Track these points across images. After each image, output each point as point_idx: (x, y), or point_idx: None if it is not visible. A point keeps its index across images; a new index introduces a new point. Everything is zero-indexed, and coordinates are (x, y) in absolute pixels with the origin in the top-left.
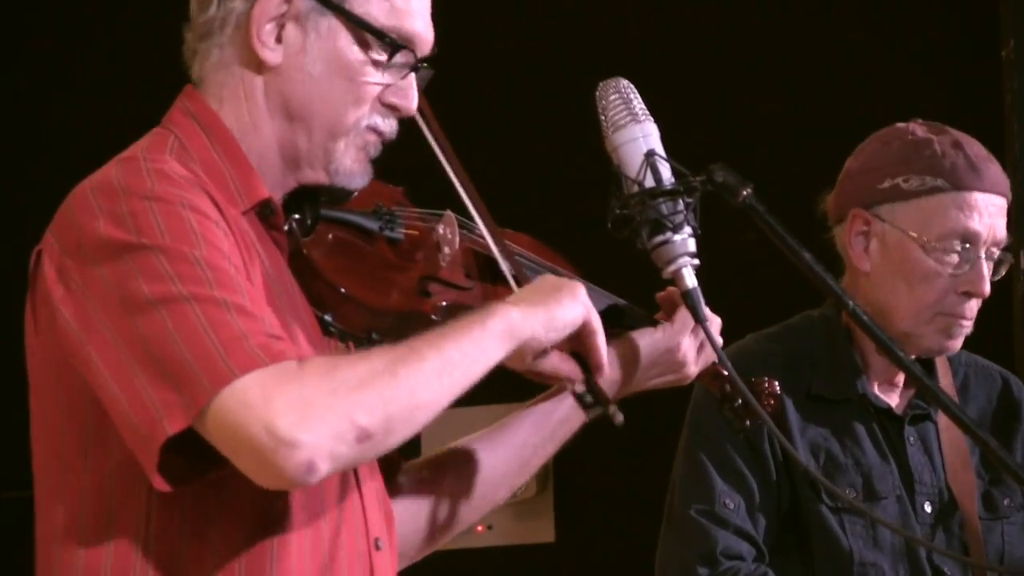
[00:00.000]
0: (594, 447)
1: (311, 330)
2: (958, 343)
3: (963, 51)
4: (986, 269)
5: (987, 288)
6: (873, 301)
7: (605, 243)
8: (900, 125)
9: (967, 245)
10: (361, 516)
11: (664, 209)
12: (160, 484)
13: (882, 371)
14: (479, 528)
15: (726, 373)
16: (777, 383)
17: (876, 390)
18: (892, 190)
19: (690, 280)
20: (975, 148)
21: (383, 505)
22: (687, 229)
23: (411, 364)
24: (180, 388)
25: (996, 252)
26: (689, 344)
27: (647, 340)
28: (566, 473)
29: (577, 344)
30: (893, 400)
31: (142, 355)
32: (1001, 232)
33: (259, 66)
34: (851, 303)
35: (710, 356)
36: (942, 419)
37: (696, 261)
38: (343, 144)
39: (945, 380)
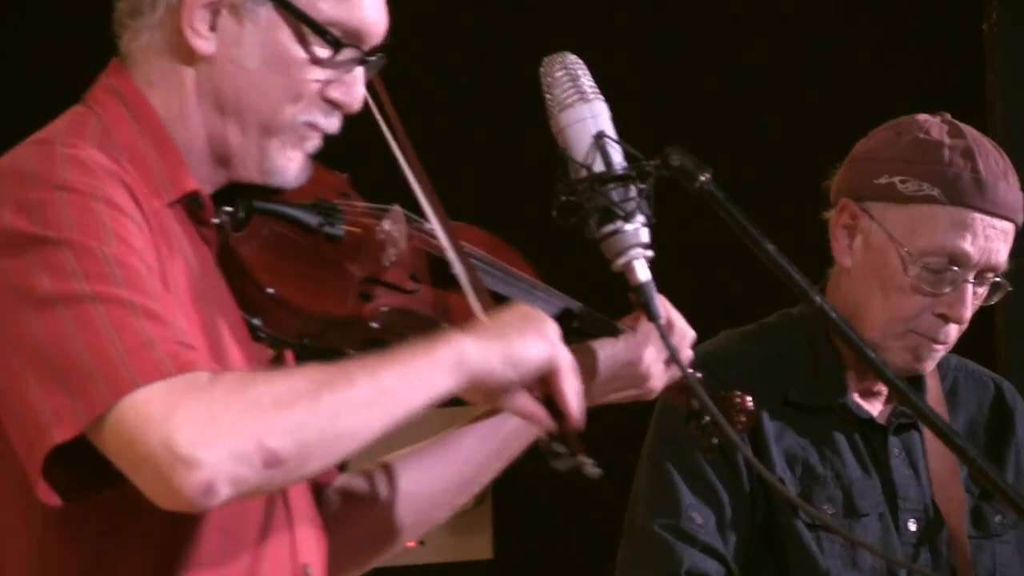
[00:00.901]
0: (537, 455)
1: (240, 335)
2: (927, 366)
3: (944, 25)
4: (970, 294)
5: (967, 315)
6: (849, 301)
7: (560, 232)
8: (922, 117)
9: (954, 267)
10: (289, 540)
11: (615, 196)
12: (46, 495)
13: (864, 377)
14: (411, 543)
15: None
16: (750, 398)
17: (858, 398)
18: (887, 188)
19: (642, 273)
20: (991, 161)
21: (314, 527)
22: (640, 218)
23: (338, 388)
24: (74, 394)
25: (991, 277)
26: (653, 357)
27: (607, 352)
28: (506, 484)
29: (547, 387)
30: (876, 408)
31: (37, 356)
32: (999, 257)
33: (190, 55)
34: (818, 300)
35: (678, 370)
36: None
37: (649, 252)
38: (278, 142)
39: (933, 385)
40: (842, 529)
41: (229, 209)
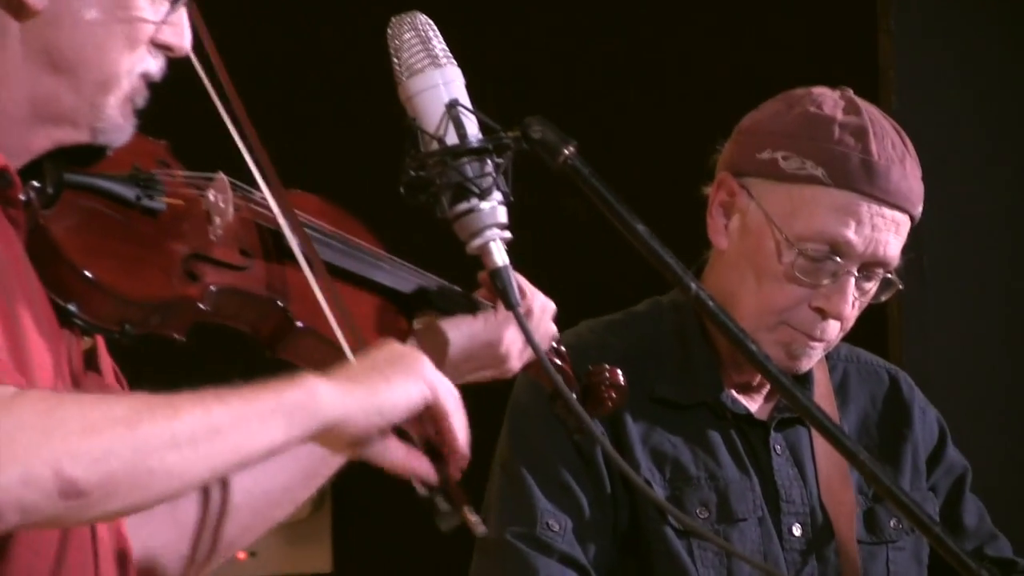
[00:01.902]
0: None
1: (48, 331)
2: (801, 364)
3: None
4: (851, 289)
5: (846, 311)
6: (722, 287)
7: (410, 211)
8: (817, 90)
9: (836, 256)
10: (92, 559)
11: (469, 171)
12: None
13: (742, 370)
14: (240, 555)
15: (558, 364)
16: (620, 372)
17: (735, 393)
18: (769, 164)
19: (499, 256)
20: (887, 144)
21: (117, 542)
22: (496, 195)
23: (158, 419)
24: None
25: (880, 272)
26: (514, 337)
27: (464, 330)
28: (346, 489)
29: (429, 430)
30: (756, 403)
31: None
32: (888, 250)
33: (18, 10)
34: (694, 287)
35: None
36: None
37: (507, 234)
38: (113, 98)
39: (820, 378)
40: (713, 535)
41: (37, 184)
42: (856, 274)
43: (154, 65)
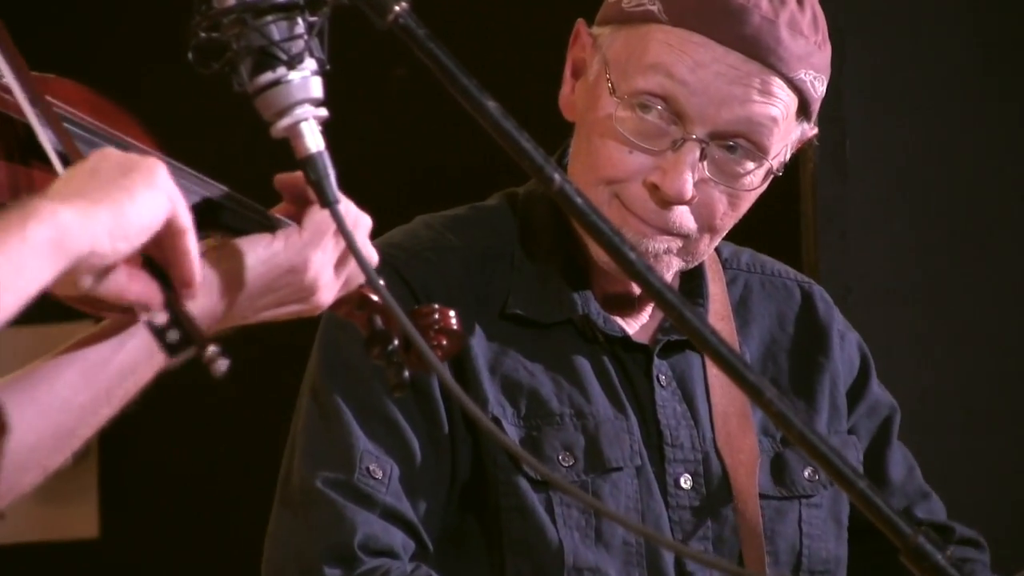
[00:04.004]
0: (159, 397)
1: None
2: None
3: None
4: (694, 161)
5: (683, 189)
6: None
7: (202, 83)
8: None
9: (676, 119)
10: None
11: (275, 33)
12: None
13: (616, 280)
14: None
15: (377, 299)
16: (453, 314)
17: (607, 309)
18: (614, 7)
19: (312, 140)
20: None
21: None
22: (309, 64)
23: None
24: None
25: (740, 147)
26: (323, 262)
27: (260, 252)
28: (115, 436)
29: (155, 250)
30: (637, 322)
31: None
32: (746, 113)
33: None
34: (558, 179)
35: (354, 275)
36: None
37: (323, 111)
38: None
39: (717, 292)
40: (578, 490)
41: None
42: (705, 143)
43: None
